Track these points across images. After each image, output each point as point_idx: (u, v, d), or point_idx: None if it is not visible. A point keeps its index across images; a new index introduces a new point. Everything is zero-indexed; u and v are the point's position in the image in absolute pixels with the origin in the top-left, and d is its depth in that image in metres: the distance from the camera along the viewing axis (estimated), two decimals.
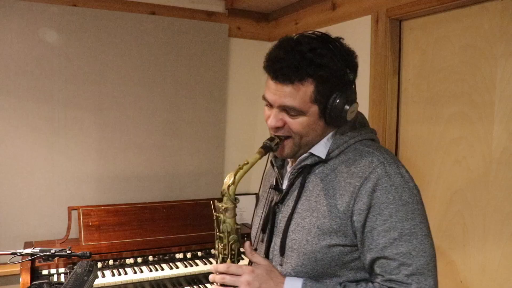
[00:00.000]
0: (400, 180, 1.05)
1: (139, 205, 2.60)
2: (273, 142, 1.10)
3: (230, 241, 1.13)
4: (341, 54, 1.07)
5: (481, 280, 1.71)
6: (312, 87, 1.04)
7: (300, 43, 1.05)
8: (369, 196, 1.03)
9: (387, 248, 1.01)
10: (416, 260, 1.00)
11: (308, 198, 1.12)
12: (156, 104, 2.74)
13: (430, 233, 1.06)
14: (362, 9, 2.23)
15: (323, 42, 1.07)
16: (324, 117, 1.09)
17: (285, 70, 1.04)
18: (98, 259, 2.30)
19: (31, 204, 2.46)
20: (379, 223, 1.02)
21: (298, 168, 1.15)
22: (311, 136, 1.11)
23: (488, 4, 1.69)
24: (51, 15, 2.44)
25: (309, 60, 1.03)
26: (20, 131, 2.42)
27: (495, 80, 1.66)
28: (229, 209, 1.12)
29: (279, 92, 1.06)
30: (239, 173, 1.09)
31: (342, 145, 1.12)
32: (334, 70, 1.05)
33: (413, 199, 1.05)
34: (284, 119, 1.09)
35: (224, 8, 2.92)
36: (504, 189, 1.63)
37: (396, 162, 1.08)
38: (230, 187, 1.10)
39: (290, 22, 2.83)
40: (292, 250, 1.11)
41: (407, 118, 2.08)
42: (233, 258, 1.15)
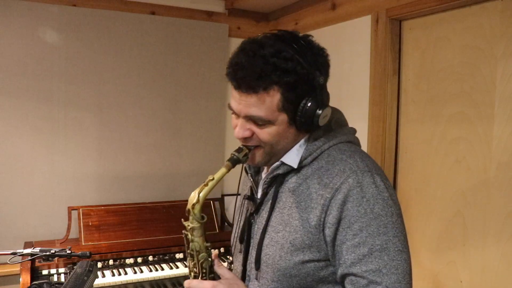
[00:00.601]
0: (373, 190, 0.97)
1: (139, 205, 2.60)
2: (241, 153, 1.03)
3: (200, 259, 1.10)
4: (309, 55, 0.98)
5: (481, 280, 1.71)
6: (279, 95, 0.96)
7: (263, 46, 0.96)
8: (339, 208, 0.96)
9: (355, 264, 0.95)
10: (387, 278, 0.93)
11: (281, 211, 1.06)
12: (156, 104, 2.74)
13: (406, 247, 0.98)
14: (362, 9, 2.23)
15: (288, 43, 0.97)
16: (295, 124, 1.01)
17: (248, 79, 0.95)
18: (98, 259, 2.30)
19: (31, 204, 2.46)
20: (348, 237, 0.96)
21: (270, 177, 1.09)
22: (282, 144, 1.05)
23: (488, 4, 1.69)
24: (51, 15, 2.44)
25: (273, 66, 0.94)
26: (20, 131, 2.42)
27: (495, 80, 1.66)
28: (196, 229, 1.09)
29: (243, 102, 0.99)
30: (204, 191, 1.05)
31: (315, 151, 1.05)
32: (302, 75, 0.96)
33: (386, 212, 0.96)
34: (252, 129, 1.02)
35: (224, 8, 2.92)
36: (504, 189, 1.63)
37: (371, 170, 1.00)
38: (195, 206, 1.05)
39: (290, 22, 2.83)
40: (267, 265, 1.06)
41: (407, 118, 2.08)
42: (205, 276, 1.11)
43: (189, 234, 1.09)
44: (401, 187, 2.11)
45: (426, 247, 1.95)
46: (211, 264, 1.12)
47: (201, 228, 1.09)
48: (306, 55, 0.97)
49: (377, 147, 2.12)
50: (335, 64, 2.70)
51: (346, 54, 2.36)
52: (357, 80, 2.27)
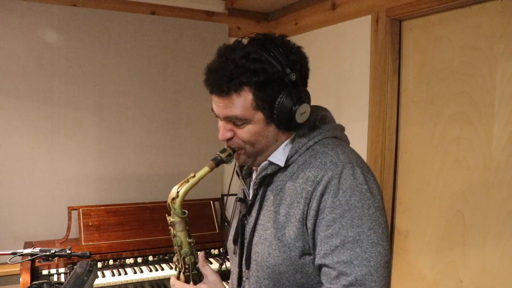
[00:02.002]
0: (350, 182, 0.98)
1: (139, 205, 2.60)
2: (224, 153, 1.07)
3: (182, 254, 1.12)
4: (279, 55, 1.00)
5: (481, 280, 1.71)
6: (251, 95, 1.00)
7: (234, 50, 1.01)
8: (318, 200, 0.99)
9: (328, 255, 0.96)
10: (357, 270, 0.93)
11: (269, 209, 1.08)
12: (156, 104, 2.74)
13: (383, 240, 0.97)
14: (362, 9, 2.23)
15: (258, 45, 1.01)
16: (273, 122, 1.04)
17: (219, 82, 1.00)
18: (98, 259, 2.30)
19: (31, 204, 2.46)
20: (322, 228, 0.97)
21: (259, 178, 1.11)
22: (262, 143, 1.07)
23: (488, 4, 1.69)
24: (51, 15, 2.44)
25: (242, 68, 0.98)
26: (20, 131, 2.42)
27: (495, 80, 1.66)
28: (177, 223, 1.10)
29: (220, 105, 1.04)
30: (184, 187, 1.08)
31: (301, 149, 1.07)
32: (272, 73, 0.99)
33: (363, 204, 0.97)
34: (233, 129, 1.06)
35: (224, 8, 2.92)
36: (504, 189, 1.63)
37: (351, 162, 1.01)
38: (174, 200, 1.08)
39: (290, 22, 2.83)
40: (256, 263, 1.08)
41: (407, 118, 2.08)
42: (187, 271, 1.13)
43: (171, 228, 1.12)
44: (401, 187, 2.11)
45: (426, 247, 1.95)
46: (194, 260, 1.14)
47: (182, 223, 1.11)
48: (277, 54, 1.00)
49: (377, 147, 2.12)
50: (335, 64, 2.71)
51: (346, 54, 2.36)
52: (357, 80, 2.27)
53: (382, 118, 2.09)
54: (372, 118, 2.15)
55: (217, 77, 1.01)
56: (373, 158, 2.14)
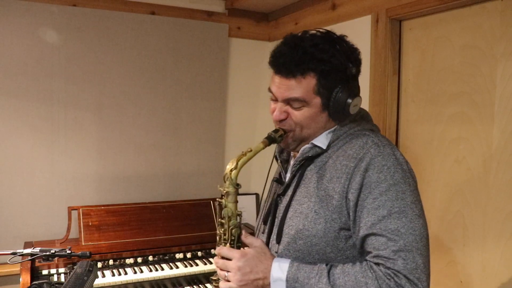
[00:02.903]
0: (393, 160, 1.05)
1: (139, 205, 2.60)
2: (277, 133, 1.13)
3: (231, 226, 1.14)
4: (343, 50, 1.10)
5: (481, 280, 1.71)
6: (315, 80, 1.08)
7: (303, 40, 1.10)
8: (362, 175, 1.04)
9: (375, 225, 1.01)
10: (405, 237, 0.99)
11: (306, 186, 1.14)
12: (156, 104, 2.74)
13: (423, 215, 1.05)
14: (362, 9, 2.23)
15: (325, 39, 1.11)
16: (328, 109, 1.12)
17: (288, 64, 1.08)
18: (98, 259, 2.30)
19: (31, 204, 2.46)
20: (369, 201, 1.03)
21: (300, 160, 1.17)
22: (312, 128, 1.14)
23: (488, 4, 1.69)
24: (51, 15, 2.43)
25: (311, 55, 1.07)
26: (20, 131, 2.42)
27: (495, 80, 1.66)
28: (231, 194, 1.13)
29: (283, 86, 1.11)
30: (242, 159, 1.11)
31: (342, 136, 1.14)
32: (336, 65, 1.08)
33: (405, 181, 1.04)
34: (288, 111, 1.13)
35: (224, 8, 2.92)
36: (504, 189, 1.63)
37: (391, 145, 1.09)
38: (232, 171, 1.11)
39: (290, 22, 2.83)
40: (289, 236, 1.13)
41: (407, 118, 2.08)
42: (233, 243, 1.15)
43: (223, 200, 1.15)
44: None
45: None
46: (239, 232, 1.16)
47: (235, 195, 1.14)
48: (341, 49, 1.10)
49: None
50: None
51: None
52: None
53: (382, 118, 2.09)
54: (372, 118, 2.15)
55: (286, 59, 1.09)
56: None
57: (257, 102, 3.08)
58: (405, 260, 0.97)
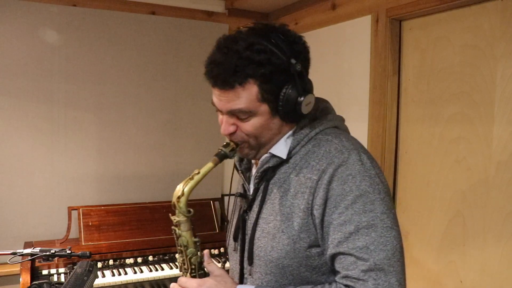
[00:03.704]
0: (359, 168, 0.96)
1: (139, 205, 2.60)
2: (228, 148, 1.04)
3: (188, 255, 1.09)
4: (284, 45, 0.98)
5: (481, 280, 1.71)
6: (256, 87, 0.97)
7: (237, 41, 0.97)
8: (325, 189, 0.95)
9: (342, 243, 0.93)
10: (375, 255, 0.90)
11: (272, 202, 1.05)
12: (156, 104, 2.74)
13: (395, 225, 0.95)
14: (362, 9, 2.22)
15: (262, 35, 0.98)
16: (278, 113, 1.01)
17: (223, 75, 0.97)
18: (98, 259, 2.30)
19: (31, 204, 2.46)
20: (334, 217, 0.94)
21: (261, 172, 1.07)
22: (267, 136, 1.04)
23: (488, 4, 1.69)
24: (51, 15, 2.44)
25: (247, 60, 0.94)
26: (20, 131, 2.42)
27: (495, 80, 1.66)
28: (182, 222, 1.07)
29: (223, 98, 1.00)
30: (189, 185, 1.05)
31: (303, 140, 1.04)
32: (277, 65, 0.96)
33: (373, 188, 0.94)
34: (236, 123, 1.03)
35: (224, 8, 2.92)
36: (504, 189, 1.63)
37: (357, 149, 1.00)
38: (180, 199, 1.04)
39: (290, 22, 2.83)
40: (259, 258, 1.05)
41: (407, 118, 2.08)
42: (194, 272, 1.10)
43: (176, 228, 1.08)
44: (401, 187, 2.11)
45: (426, 247, 1.95)
46: (200, 260, 1.10)
47: (187, 222, 1.08)
48: (281, 44, 0.97)
49: (377, 147, 2.12)
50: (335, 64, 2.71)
51: (346, 54, 2.36)
52: (357, 80, 2.27)
53: (382, 118, 2.09)
54: (372, 118, 2.15)
55: (220, 70, 0.97)
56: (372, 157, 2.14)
57: None
58: (376, 280, 0.89)
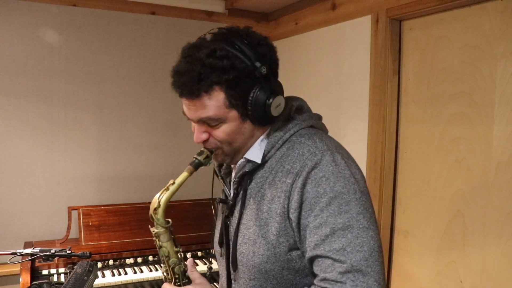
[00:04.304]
0: (333, 169, 0.95)
1: (139, 205, 2.60)
2: (202, 156, 1.04)
3: (171, 265, 1.10)
4: (247, 48, 0.97)
5: (481, 280, 1.71)
6: (222, 94, 0.97)
7: (199, 48, 0.97)
8: (299, 192, 0.95)
9: (319, 246, 0.93)
10: (351, 256, 0.90)
11: (251, 207, 1.05)
12: (156, 104, 2.74)
13: (373, 224, 0.95)
14: (362, 9, 2.22)
15: (223, 41, 0.97)
16: (248, 118, 1.01)
17: (188, 85, 0.96)
18: (98, 259, 2.30)
19: (31, 204, 2.46)
20: (310, 219, 0.94)
21: (238, 177, 1.08)
22: (240, 141, 1.04)
23: (488, 4, 1.69)
24: (51, 15, 2.44)
25: (210, 67, 0.94)
26: (20, 131, 2.42)
27: (495, 80, 1.66)
28: (161, 234, 1.08)
29: (192, 107, 1.00)
30: (165, 196, 1.05)
31: (277, 143, 1.04)
32: (241, 69, 0.96)
33: (348, 189, 0.94)
34: (208, 130, 1.03)
35: (224, 8, 2.92)
36: (504, 189, 1.63)
37: (330, 149, 0.99)
38: (156, 210, 1.05)
39: (290, 22, 2.83)
40: (242, 264, 1.05)
41: (407, 118, 2.08)
42: (178, 281, 1.11)
43: (157, 240, 1.09)
44: (401, 187, 2.11)
45: (426, 247, 1.95)
46: (184, 269, 1.12)
47: (166, 233, 1.09)
48: (244, 48, 0.97)
49: (377, 147, 2.12)
50: (335, 64, 2.71)
51: (346, 54, 2.36)
52: (357, 80, 2.27)
53: (382, 118, 2.09)
54: (372, 118, 2.15)
55: (185, 79, 0.96)
56: (373, 158, 2.14)
57: None
58: (354, 282, 0.89)
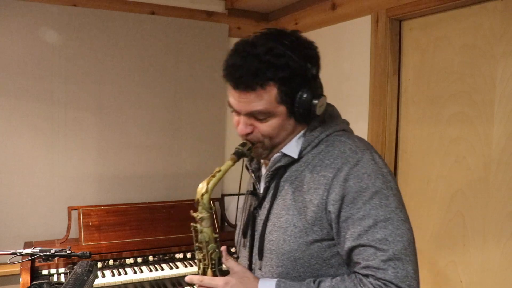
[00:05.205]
0: (373, 166, 1.03)
1: (139, 205, 2.60)
2: (245, 147, 1.09)
3: (209, 250, 1.12)
4: (299, 50, 1.04)
5: (481, 280, 1.72)
6: (275, 90, 1.03)
7: (255, 46, 1.02)
8: (341, 186, 1.02)
9: (362, 236, 0.99)
10: (393, 246, 0.97)
11: (283, 198, 1.11)
12: (156, 104, 2.74)
13: (408, 219, 1.04)
14: (362, 9, 2.23)
15: (278, 40, 1.04)
16: (294, 115, 1.08)
17: (245, 78, 1.02)
18: (98, 259, 2.30)
19: (31, 204, 2.46)
20: (353, 212, 1.01)
21: (272, 170, 1.13)
22: (281, 136, 1.10)
23: (488, 4, 1.69)
24: (51, 15, 2.44)
25: (267, 63, 1.00)
26: (20, 131, 2.42)
27: (495, 80, 1.66)
28: (205, 219, 1.11)
29: (243, 100, 1.05)
30: (212, 182, 1.09)
31: (313, 141, 1.10)
32: (295, 69, 1.03)
33: (387, 186, 1.02)
34: (254, 124, 1.08)
35: (224, 8, 2.92)
36: (504, 189, 1.63)
37: (369, 149, 1.07)
38: (203, 196, 1.09)
39: (290, 22, 2.83)
40: (270, 251, 1.10)
41: (407, 118, 2.08)
42: (214, 267, 1.13)
43: (198, 225, 1.12)
44: (401, 187, 2.09)
45: (426, 247, 1.95)
46: (219, 256, 1.14)
47: (210, 219, 1.12)
48: (297, 49, 1.03)
49: (377, 147, 2.12)
50: (335, 64, 2.70)
51: (346, 54, 2.36)
52: (357, 80, 2.27)
53: (382, 118, 2.09)
54: (372, 118, 2.15)
55: (241, 73, 1.02)
56: None
57: None
58: (395, 269, 0.96)
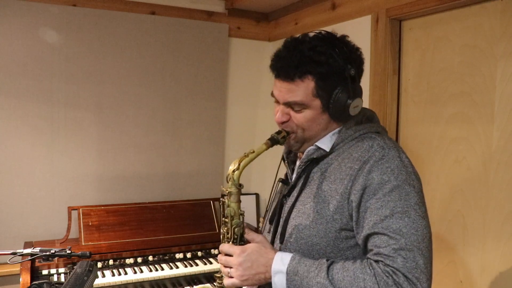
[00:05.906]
0: (398, 163, 1.06)
1: (139, 205, 2.60)
2: (279, 135, 1.16)
3: (233, 225, 1.16)
4: (342, 51, 1.11)
5: (481, 280, 1.72)
6: (313, 83, 1.10)
7: (302, 42, 1.12)
8: (365, 177, 1.05)
9: (378, 224, 1.02)
10: (407, 237, 0.99)
11: (311, 187, 1.16)
12: (156, 104, 2.74)
13: (427, 217, 1.05)
14: (362, 9, 2.23)
15: (324, 41, 1.12)
16: (328, 111, 1.14)
17: (286, 68, 1.11)
18: (98, 259, 2.30)
19: (31, 204, 2.46)
20: (372, 202, 1.04)
21: (305, 162, 1.19)
22: (314, 130, 1.16)
23: (488, 4, 1.69)
24: (51, 15, 2.44)
25: (308, 58, 1.09)
26: (20, 131, 2.42)
27: (495, 80, 1.66)
28: (233, 194, 1.16)
29: (283, 89, 1.13)
30: (244, 161, 1.14)
31: (347, 138, 1.16)
32: (334, 67, 1.09)
33: (409, 183, 1.05)
34: (290, 113, 1.16)
35: (224, 8, 2.92)
36: (504, 189, 1.63)
37: (397, 148, 1.10)
38: (235, 172, 1.14)
39: (290, 22, 2.83)
40: (291, 235, 1.16)
41: (407, 118, 2.08)
42: (236, 241, 1.17)
43: (226, 199, 1.17)
44: None
45: None
46: (242, 231, 1.18)
47: (237, 195, 1.17)
48: (340, 50, 1.11)
49: None
50: None
51: None
52: None
53: (382, 118, 2.09)
54: None
55: (283, 63, 1.11)
56: None
57: (257, 102, 3.08)
58: (405, 259, 0.98)
